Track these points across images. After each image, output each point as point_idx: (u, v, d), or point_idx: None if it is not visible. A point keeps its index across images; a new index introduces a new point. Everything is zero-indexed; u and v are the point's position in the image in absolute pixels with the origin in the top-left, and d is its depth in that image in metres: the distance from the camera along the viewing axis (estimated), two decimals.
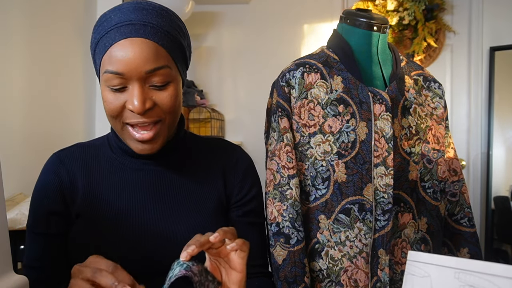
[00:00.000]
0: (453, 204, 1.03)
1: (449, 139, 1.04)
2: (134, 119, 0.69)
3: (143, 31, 0.67)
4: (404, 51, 2.54)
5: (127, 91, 0.69)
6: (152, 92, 0.69)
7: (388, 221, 0.90)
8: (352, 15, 0.99)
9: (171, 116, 0.72)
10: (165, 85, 0.70)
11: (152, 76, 0.68)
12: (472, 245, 1.01)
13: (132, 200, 0.76)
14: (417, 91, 1.00)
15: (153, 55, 0.67)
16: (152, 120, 0.70)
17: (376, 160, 0.91)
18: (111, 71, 0.67)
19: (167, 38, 0.70)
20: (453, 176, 1.03)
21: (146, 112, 0.69)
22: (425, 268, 0.46)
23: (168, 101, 0.70)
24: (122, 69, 0.66)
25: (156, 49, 0.68)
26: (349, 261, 0.90)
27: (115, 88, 0.69)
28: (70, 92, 1.79)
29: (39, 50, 1.55)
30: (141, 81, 0.68)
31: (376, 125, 0.92)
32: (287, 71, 0.96)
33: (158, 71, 0.68)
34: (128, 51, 0.66)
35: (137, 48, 0.66)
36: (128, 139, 0.73)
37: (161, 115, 0.71)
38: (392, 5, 2.49)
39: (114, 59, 0.67)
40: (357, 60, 0.97)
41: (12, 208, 1.24)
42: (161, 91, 0.70)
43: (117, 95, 0.69)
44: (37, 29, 1.54)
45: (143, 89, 0.68)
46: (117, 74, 0.67)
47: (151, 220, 0.75)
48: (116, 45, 0.67)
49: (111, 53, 0.67)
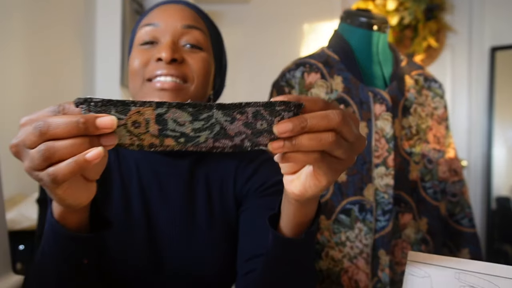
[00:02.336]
0: (453, 204, 1.03)
1: (449, 139, 1.04)
2: (159, 70, 0.63)
3: (186, 3, 0.70)
4: (405, 51, 2.53)
5: (158, 45, 0.66)
6: (184, 50, 0.66)
7: (388, 221, 0.89)
8: (352, 15, 0.99)
9: (198, 81, 0.66)
10: (198, 49, 0.67)
11: (187, 34, 0.66)
12: (472, 245, 1.00)
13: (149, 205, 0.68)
14: (417, 91, 1.00)
15: (191, 16, 0.68)
16: (178, 74, 0.63)
17: (377, 160, 0.90)
18: (147, 23, 0.66)
19: (205, 16, 0.72)
20: (453, 176, 1.03)
21: (173, 63, 0.63)
22: (425, 268, 0.45)
23: (198, 62, 0.66)
24: (158, 20, 0.66)
25: (194, 15, 0.69)
26: (350, 262, 0.90)
27: (146, 41, 0.66)
28: (70, 93, 1.79)
29: (39, 51, 1.55)
30: (175, 37, 0.65)
31: (377, 125, 0.92)
32: (287, 71, 0.96)
33: (194, 30, 0.67)
34: (168, 9, 0.67)
35: (177, 8, 0.68)
36: (147, 94, 0.64)
37: (188, 74, 0.65)
38: (392, 5, 2.48)
39: (153, 15, 0.67)
40: (358, 60, 0.97)
41: (11, 208, 1.24)
42: (193, 53, 0.66)
43: (145, 51, 0.66)
44: (37, 31, 1.54)
45: (175, 41, 0.65)
46: (152, 25, 0.65)
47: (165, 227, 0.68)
48: (157, 8, 0.69)
49: (151, 14, 0.68)
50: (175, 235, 0.67)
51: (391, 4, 2.48)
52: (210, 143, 0.38)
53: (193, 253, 0.67)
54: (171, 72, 0.63)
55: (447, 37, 2.57)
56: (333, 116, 0.37)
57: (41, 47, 1.57)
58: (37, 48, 1.54)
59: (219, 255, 0.68)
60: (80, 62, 1.85)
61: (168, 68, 0.63)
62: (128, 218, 0.67)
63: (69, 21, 1.78)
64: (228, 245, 0.69)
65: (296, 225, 0.49)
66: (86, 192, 0.42)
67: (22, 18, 1.46)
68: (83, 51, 1.85)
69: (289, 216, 0.49)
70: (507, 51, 2.42)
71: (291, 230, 0.50)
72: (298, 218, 0.48)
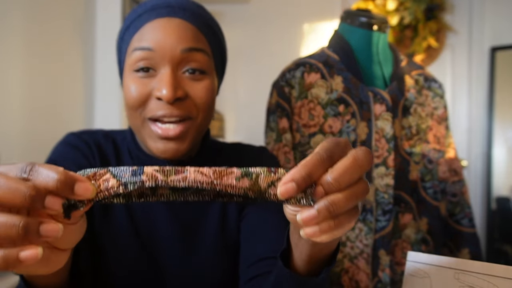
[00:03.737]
0: (453, 204, 1.03)
1: (449, 139, 1.04)
2: (160, 111, 0.57)
3: (183, 14, 0.60)
4: (405, 51, 2.53)
5: (156, 77, 0.58)
6: (185, 81, 0.59)
7: (388, 221, 0.89)
8: (352, 15, 0.99)
9: (203, 114, 0.61)
10: (201, 74, 0.60)
11: (187, 59, 0.58)
12: (472, 245, 1.00)
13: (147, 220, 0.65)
14: (417, 91, 1.00)
15: (191, 36, 0.59)
16: (182, 114, 0.58)
17: (377, 160, 0.90)
18: (140, 47, 0.58)
19: (207, 27, 0.62)
20: (453, 176, 1.03)
21: (175, 102, 0.57)
22: (425, 268, 0.45)
23: (202, 94, 0.59)
24: (154, 45, 0.57)
25: (195, 32, 0.59)
26: (350, 262, 0.90)
27: (141, 69, 0.58)
28: (70, 93, 1.79)
29: (39, 51, 1.55)
30: (174, 65, 0.58)
31: (377, 125, 0.92)
32: (287, 71, 0.96)
33: (195, 53, 0.59)
34: (163, 28, 0.57)
35: (174, 26, 0.58)
36: (148, 138, 0.60)
37: (192, 110, 0.59)
38: (392, 5, 2.48)
39: (146, 36, 0.58)
40: (358, 60, 0.97)
41: None
42: (195, 81, 0.59)
43: (143, 81, 0.58)
44: (36, 29, 1.54)
45: (176, 74, 0.58)
46: (147, 50, 0.57)
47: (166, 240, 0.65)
48: (150, 23, 0.58)
49: (143, 31, 0.59)
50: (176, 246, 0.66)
51: (391, 4, 2.48)
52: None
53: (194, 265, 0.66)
54: (174, 113, 0.57)
55: (447, 37, 2.57)
56: (363, 157, 0.32)
57: (41, 47, 1.57)
58: (37, 48, 1.54)
59: (219, 269, 0.67)
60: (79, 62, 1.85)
61: (171, 109, 0.57)
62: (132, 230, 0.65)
63: (69, 21, 1.78)
64: (229, 258, 0.68)
65: (313, 261, 0.43)
66: (53, 263, 0.34)
67: (21, 18, 1.46)
68: (82, 50, 1.85)
69: (305, 252, 0.43)
70: (507, 51, 2.42)
71: (307, 264, 0.44)
72: (317, 254, 0.42)
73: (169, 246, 0.65)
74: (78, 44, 1.84)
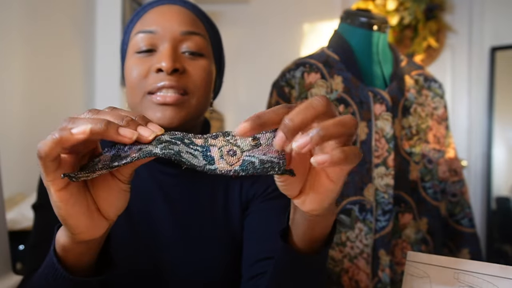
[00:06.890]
0: (453, 204, 1.03)
1: (449, 139, 1.04)
2: (160, 82, 0.60)
3: (183, 3, 0.66)
4: (405, 51, 2.53)
5: (156, 54, 0.62)
6: (184, 59, 0.63)
7: (388, 221, 0.89)
8: (352, 15, 0.99)
9: (199, 92, 0.63)
10: (199, 55, 0.64)
11: (186, 40, 0.63)
12: (472, 245, 1.01)
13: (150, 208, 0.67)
14: (417, 91, 1.00)
15: (190, 20, 0.64)
16: (179, 86, 0.61)
17: (377, 160, 0.90)
18: (142, 30, 0.62)
19: (204, 16, 0.68)
20: (453, 176, 1.03)
21: (174, 74, 0.61)
22: (424, 268, 0.45)
23: (200, 72, 0.63)
24: (155, 27, 0.62)
25: (194, 18, 0.65)
26: (350, 262, 0.90)
27: (143, 50, 0.62)
28: (70, 92, 1.79)
29: (39, 49, 1.55)
30: (174, 43, 0.62)
31: (377, 125, 0.92)
32: (287, 71, 0.96)
33: (194, 36, 0.63)
34: (164, 12, 0.63)
35: (174, 12, 0.63)
36: (147, 110, 0.62)
37: (189, 85, 0.62)
38: (392, 5, 2.49)
39: (148, 21, 0.63)
40: (358, 60, 0.97)
41: (11, 208, 1.24)
42: (193, 60, 0.63)
43: (143, 60, 0.62)
44: (36, 29, 1.54)
45: (175, 49, 0.62)
46: (149, 32, 0.62)
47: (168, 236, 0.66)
48: (152, 10, 0.64)
49: (146, 17, 0.64)
50: (177, 244, 0.66)
51: (391, 4, 2.49)
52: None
53: (195, 263, 0.66)
54: (173, 84, 0.60)
55: (447, 37, 2.57)
56: (317, 102, 0.36)
57: (41, 47, 1.57)
58: (37, 48, 1.54)
59: (222, 265, 0.67)
60: (80, 61, 1.85)
61: (170, 80, 0.60)
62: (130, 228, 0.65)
63: (69, 21, 1.78)
64: (231, 256, 0.68)
65: (312, 240, 0.46)
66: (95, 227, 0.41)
67: (21, 17, 1.46)
68: (83, 50, 1.85)
69: (304, 231, 0.46)
70: (507, 51, 2.42)
71: (307, 245, 0.47)
72: (315, 232, 0.45)
73: (170, 243, 0.65)
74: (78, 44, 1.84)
